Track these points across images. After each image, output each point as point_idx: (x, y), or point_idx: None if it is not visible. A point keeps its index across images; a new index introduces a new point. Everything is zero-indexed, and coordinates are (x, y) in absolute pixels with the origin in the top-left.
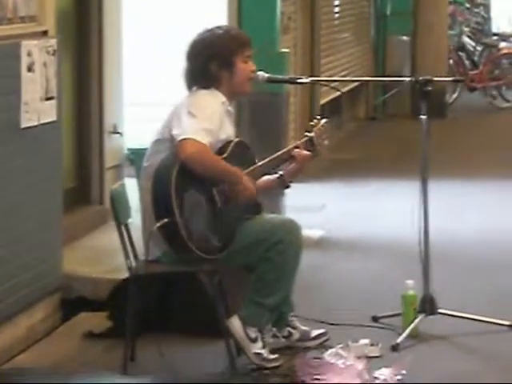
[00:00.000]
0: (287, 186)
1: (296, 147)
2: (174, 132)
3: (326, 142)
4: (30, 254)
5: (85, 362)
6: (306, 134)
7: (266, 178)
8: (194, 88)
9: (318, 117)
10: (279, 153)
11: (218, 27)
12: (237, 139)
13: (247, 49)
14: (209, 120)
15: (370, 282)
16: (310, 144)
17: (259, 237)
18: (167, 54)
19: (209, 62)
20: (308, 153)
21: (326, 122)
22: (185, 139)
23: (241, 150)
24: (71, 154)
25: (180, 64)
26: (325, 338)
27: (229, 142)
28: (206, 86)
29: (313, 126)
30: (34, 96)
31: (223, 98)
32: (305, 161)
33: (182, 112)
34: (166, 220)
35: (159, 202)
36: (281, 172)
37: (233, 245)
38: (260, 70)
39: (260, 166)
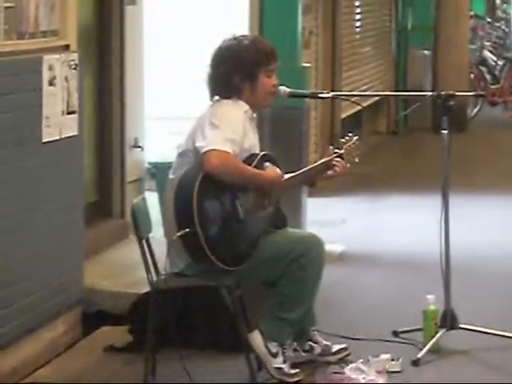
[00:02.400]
0: (313, 185)
1: (326, 163)
2: (198, 144)
3: (356, 160)
4: (52, 267)
5: (106, 376)
6: (336, 150)
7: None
8: (216, 97)
9: (350, 134)
10: (314, 165)
11: (244, 36)
12: (263, 152)
13: (272, 62)
14: (232, 130)
15: (391, 297)
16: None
17: (281, 251)
18: (189, 67)
19: (232, 72)
20: (348, 165)
21: (357, 140)
22: (209, 151)
23: (266, 162)
24: (93, 168)
25: (201, 77)
26: (346, 352)
27: (255, 155)
28: (227, 96)
29: (344, 143)
30: (55, 110)
31: (246, 107)
32: (344, 172)
33: (204, 123)
34: (187, 230)
35: (181, 211)
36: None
37: (254, 257)
38: (282, 85)
39: (291, 177)
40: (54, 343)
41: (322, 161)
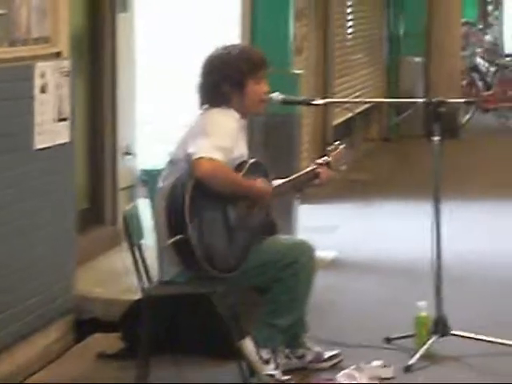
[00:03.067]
0: (299, 190)
1: (313, 171)
2: (190, 151)
3: (343, 168)
4: (44, 275)
5: (98, 382)
6: (324, 158)
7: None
8: (206, 105)
9: (337, 142)
10: (301, 173)
11: (234, 46)
12: (252, 160)
13: (261, 70)
14: (223, 138)
15: (383, 304)
16: (327, 168)
17: (272, 258)
18: (181, 74)
19: (221, 81)
20: (332, 173)
21: (344, 147)
22: (200, 158)
23: (256, 170)
24: (84, 175)
25: (194, 85)
26: (338, 359)
27: (244, 162)
28: (217, 105)
29: (330, 151)
30: (47, 117)
31: (237, 116)
32: (328, 180)
33: (196, 131)
34: (179, 237)
35: (173, 218)
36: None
37: (246, 264)
38: (274, 92)
39: (280, 185)
40: (46, 350)
41: (309, 169)
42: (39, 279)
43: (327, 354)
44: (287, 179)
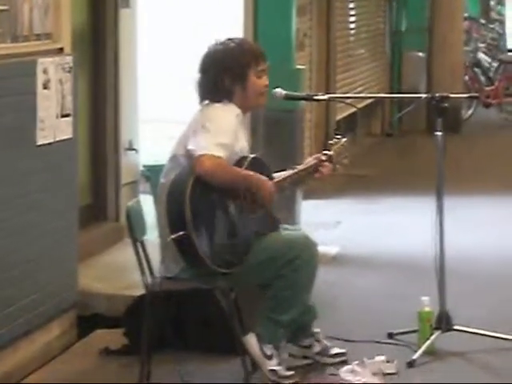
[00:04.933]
0: (301, 184)
1: (315, 164)
2: (190, 147)
3: (345, 161)
4: (46, 271)
5: (101, 378)
6: (326, 152)
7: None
8: (207, 101)
9: (338, 136)
10: (300, 167)
11: (231, 40)
12: (252, 155)
13: (260, 63)
14: (224, 134)
15: (386, 299)
16: (329, 162)
17: (274, 253)
18: (183, 70)
19: (221, 75)
20: (331, 166)
21: (345, 141)
22: (201, 155)
23: (257, 166)
24: (87, 171)
25: (195, 81)
26: (343, 358)
27: (244, 158)
28: (218, 100)
29: (332, 145)
30: (49, 113)
31: (238, 111)
32: (328, 174)
33: (197, 127)
34: (181, 233)
35: (174, 214)
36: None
37: (248, 260)
38: (277, 87)
39: (281, 179)
40: (49, 346)
41: (311, 163)
42: (42, 275)
43: (334, 351)
44: (288, 173)
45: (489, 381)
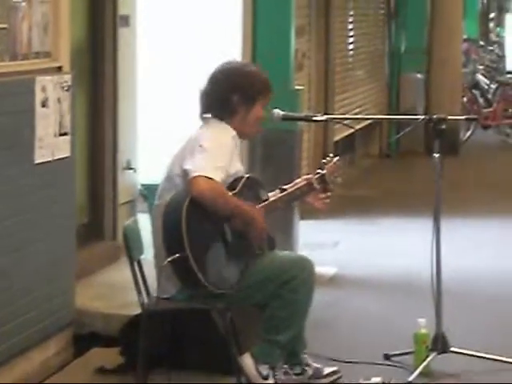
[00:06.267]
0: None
1: (308, 184)
2: (187, 167)
3: (338, 180)
4: (43, 289)
5: None
6: (319, 171)
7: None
8: (208, 115)
9: (331, 154)
10: (292, 189)
11: (249, 64)
12: (247, 175)
13: (269, 96)
14: (220, 156)
15: (383, 320)
16: (322, 181)
17: (271, 274)
18: (181, 89)
19: (232, 92)
20: (324, 199)
21: (338, 160)
22: (197, 176)
23: (252, 185)
24: (85, 190)
25: (194, 98)
26: (337, 375)
27: (240, 178)
28: (220, 115)
29: (325, 164)
30: (47, 131)
31: (233, 133)
32: (320, 207)
33: (194, 147)
34: (177, 255)
35: (170, 236)
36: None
37: (245, 281)
38: (276, 108)
39: (274, 200)
40: (45, 364)
41: (301, 184)
42: (38, 293)
43: (326, 371)
44: (281, 194)
45: None
